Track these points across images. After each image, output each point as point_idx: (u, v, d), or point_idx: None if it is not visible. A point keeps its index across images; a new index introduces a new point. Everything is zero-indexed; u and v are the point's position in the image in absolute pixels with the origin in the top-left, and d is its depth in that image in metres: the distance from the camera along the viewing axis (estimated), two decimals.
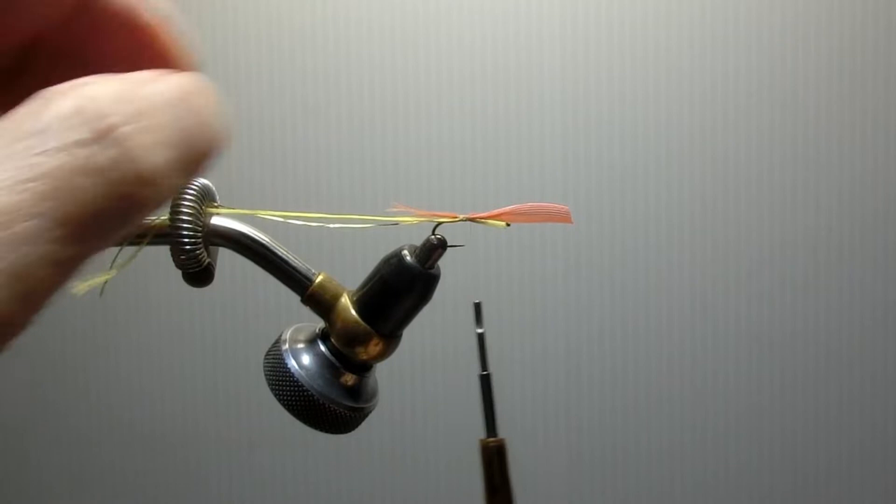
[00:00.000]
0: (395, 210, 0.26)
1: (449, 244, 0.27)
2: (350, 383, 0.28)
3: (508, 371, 0.88)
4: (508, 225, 0.27)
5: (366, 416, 0.29)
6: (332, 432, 0.28)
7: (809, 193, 0.88)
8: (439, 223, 0.27)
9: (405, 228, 0.28)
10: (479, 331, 0.26)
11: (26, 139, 0.15)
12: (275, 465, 0.90)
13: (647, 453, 0.89)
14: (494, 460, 0.24)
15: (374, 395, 0.29)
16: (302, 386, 0.28)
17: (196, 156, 0.19)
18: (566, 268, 0.88)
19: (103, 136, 0.16)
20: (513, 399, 0.88)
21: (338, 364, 0.28)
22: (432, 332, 0.87)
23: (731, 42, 0.88)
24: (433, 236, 0.27)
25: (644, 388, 0.89)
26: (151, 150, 0.17)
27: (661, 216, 0.88)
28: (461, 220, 0.27)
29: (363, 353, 0.28)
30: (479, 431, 0.34)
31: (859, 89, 0.88)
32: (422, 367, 0.88)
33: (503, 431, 0.36)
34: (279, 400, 0.28)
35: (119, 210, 0.16)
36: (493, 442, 0.23)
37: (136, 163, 0.16)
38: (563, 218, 0.27)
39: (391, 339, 0.28)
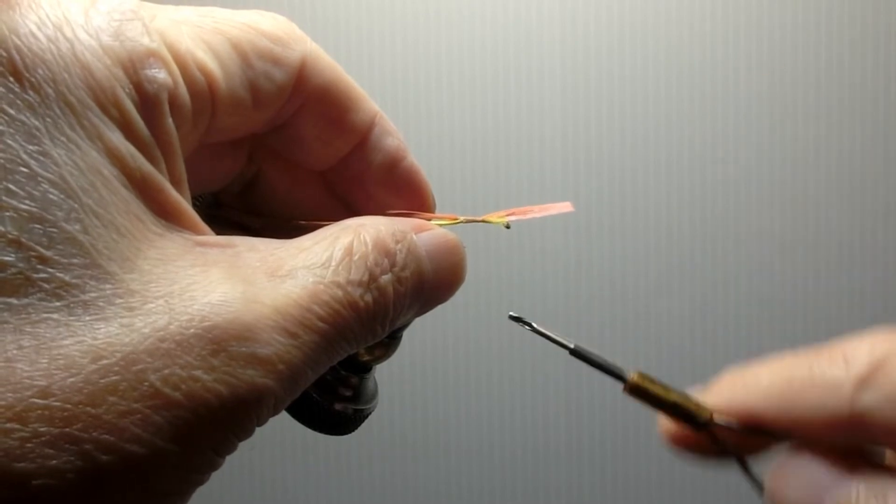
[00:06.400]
0: (394, 213, 0.26)
1: None
2: (350, 384, 0.28)
3: (509, 371, 0.88)
4: (508, 227, 0.27)
5: (366, 417, 0.29)
6: (331, 434, 0.28)
7: (809, 193, 0.88)
8: (439, 226, 0.27)
9: None
10: (529, 328, 0.27)
11: (318, 270, 0.19)
12: (275, 466, 0.90)
13: (648, 453, 0.89)
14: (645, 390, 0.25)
15: (374, 396, 0.29)
16: None
17: (433, 302, 0.23)
18: (566, 268, 0.88)
19: (373, 280, 0.20)
20: (512, 399, 0.88)
21: (337, 365, 0.28)
22: (433, 332, 0.87)
23: (732, 42, 0.87)
24: None
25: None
26: (397, 298, 0.21)
27: (662, 216, 0.88)
28: (461, 223, 0.27)
29: (364, 355, 0.28)
30: (483, 433, 0.34)
31: (860, 89, 0.88)
32: (422, 367, 0.88)
33: (505, 432, 0.36)
34: None
35: (357, 340, 0.20)
36: (632, 381, 0.25)
37: (384, 307, 0.20)
38: (563, 207, 0.26)
39: (392, 340, 0.28)
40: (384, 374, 0.28)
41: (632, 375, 0.25)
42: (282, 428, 0.91)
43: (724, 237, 0.88)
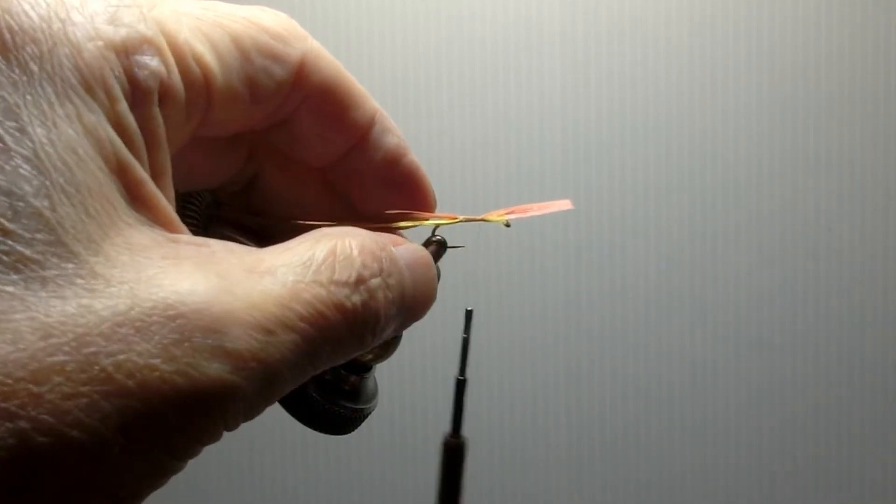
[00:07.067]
0: (393, 212, 0.26)
1: (449, 245, 0.27)
2: (350, 384, 0.28)
3: (508, 370, 0.88)
4: (508, 225, 0.27)
5: (366, 417, 0.29)
6: (331, 433, 0.28)
7: (809, 193, 0.88)
8: (439, 224, 0.27)
9: (405, 230, 0.28)
10: (464, 335, 0.27)
11: (298, 268, 0.18)
12: (275, 465, 0.90)
13: (647, 453, 0.89)
14: (454, 459, 0.26)
15: (374, 395, 0.29)
16: (302, 387, 0.27)
17: (411, 319, 0.23)
18: (566, 268, 0.88)
19: (361, 282, 0.19)
20: (512, 399, 0.88)
21: (337, 365, 0.28)
22: (432, 332, 0.87)
23: (732, 42, 0.87)
24: (433, 237, 0.27)
25: (644, 388, 0.89)
26: (385, 304, 0.20)
27: (662, 217, 0.88)
28: (461, 222, 0.27)
29: (364, 354, 0.28)
30: (483, 433, 0.34)
31: (860, 89, 0.88)
32: (422, 366, 0.88)
33: (505, 432, 0.36)
34: (279, 400, 0.28)
35: (343, 347, 0.19)
36: (455, 442, 0.26)
37: (374, 312, 0.20)
38: (563, 205, 0.26)
39: (391, 339, 0.28)
40: (384, 374, 0.28)
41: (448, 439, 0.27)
42: (282, 428, 0.91)
43: (724, 236, 0.88)
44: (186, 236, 0.18)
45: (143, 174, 0.18)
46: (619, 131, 0.88)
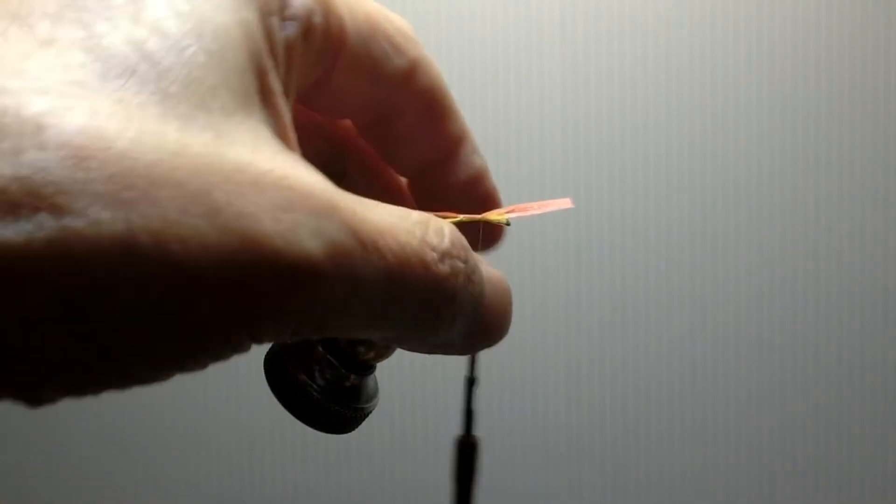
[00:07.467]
0: None
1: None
2: (350, 383, 0.28)
3: (508, 370, 0.88)
4: (508, 224, 0.27)
5: (366, 416, 0.29)
6: (331, 433, 0.28)
7: (809, 193, 0.88)
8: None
9: None
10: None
11: (396, 215, 0.19)
12: (275, 465, 0.90)
13: (647, 453, 0.89)
14: (466, 459, 0.26)
15: (374, 395, 0.29)
16: (302, 386, 0.27)
17: (481, 333, 0.23)
18: (566, 268, 0.88)
19: (445, 255, 0.19)
20: (512, 399, 0.88)
21: (338, 364, 0.28)
22: None
23: (732, 42, 0.87)
24: None
25: (644, 388, 0.89)
26: (463, 291, 0.20)
27: (662, 217, 0.88)
28: (461, 220, 0.27)
29: (364, 353, 0.28)
30: (483, 433, 0.34)
31: (860, 89, 0.88)
32: (422, 367, 0.88)
33: (506, 432, 0.36)
34: (279, 400, 0.28)
35: (414, 306, 0.19)
36: (467, 441, 0.26)
37: (451, 289, 0.20)
38: (563, 204, 0.27)
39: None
40: (384, 374, 0.28)
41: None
42: (282, 428, 0.91)
43: (724, 236, 0.88)
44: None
45: (278, 86, 0.18)
46: (619, 131, 0.88)
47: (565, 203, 0.27)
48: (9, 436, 0.91)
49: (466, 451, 0.26)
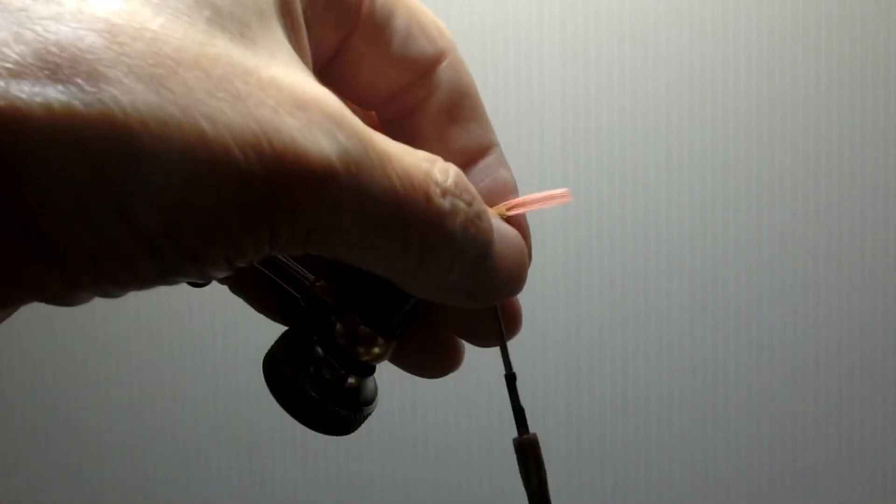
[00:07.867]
0: None
1: None
2: (350, 384, 0.28)
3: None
4: (507, 220, 0.27)
5: (365, 418, 0.29)
6: (331, 434, 0.28)
7: (809, 194, 0.88)
8: None
9: None
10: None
11: (402, 147, 0.19)
12: (275, 465, 0.90)
13: (647, 453, 0.89)
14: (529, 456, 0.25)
15: (374, 397, 0.29)
16: (302, 387, 0.27)
17: (489, 287, 0.23)
18: (566, 268, 0.88)
19: (446, 193, 0.19)
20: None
21: (337, 366, 0.28)
22: None
23: (732, 42, 0.87)
24: None
25: (644, 388, 0.89)
26: (463, 233, 0.20)
27: (662, 217, 0.88)
28: None
29: (364, 355, 0.28)
30: (483, 433, 0.34)
31: (860, 89, 0.88)
32: None
33: (505, 431, 0.36)
34: (278, 401, 0.28)
35: (411, 239, 0.19)
36: (525, 439, 0.25)
37: (451, 230, 0.20)
38: (562, 198, 0.27)
39: (392, 339, 0.28)
40: (384, 374, 0.28)
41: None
42: (282, 428, 0.91)
43: (724, 236, 0.88)
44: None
45: (299, 12, 0.19)
46: (619, 131, 0.88)
47: (564, 195, 0.27)
48: (9, 436, 0.91)
49: (529, 450, 0.26)
